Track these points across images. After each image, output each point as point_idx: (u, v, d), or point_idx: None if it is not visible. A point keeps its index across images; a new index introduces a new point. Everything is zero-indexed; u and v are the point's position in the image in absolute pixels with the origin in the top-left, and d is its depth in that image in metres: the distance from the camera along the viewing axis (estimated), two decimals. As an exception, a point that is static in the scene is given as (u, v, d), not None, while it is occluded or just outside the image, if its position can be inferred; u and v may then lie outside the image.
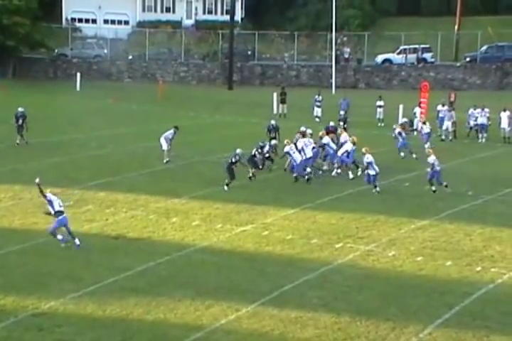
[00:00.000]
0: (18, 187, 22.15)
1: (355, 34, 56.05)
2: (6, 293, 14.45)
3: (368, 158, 22.80)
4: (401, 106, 37.44)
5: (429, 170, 22.82)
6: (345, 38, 56.05)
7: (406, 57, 53.43)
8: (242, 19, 62.24)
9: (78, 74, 49.28)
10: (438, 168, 22.65)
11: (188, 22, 62.33)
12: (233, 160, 22.60)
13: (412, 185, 24.16)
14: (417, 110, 35.93)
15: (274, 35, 57.72)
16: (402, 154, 28.19)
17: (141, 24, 60.45)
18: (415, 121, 35.38)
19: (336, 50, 51.66)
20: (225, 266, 16.44)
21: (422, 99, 36.73)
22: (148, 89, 48.42)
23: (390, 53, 53.92)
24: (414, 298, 14.86)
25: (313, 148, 24.73)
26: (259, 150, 24.61)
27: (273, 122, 29.06)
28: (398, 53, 53.72)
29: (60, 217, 17.04)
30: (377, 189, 22.62)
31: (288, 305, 14.28)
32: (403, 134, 28.62)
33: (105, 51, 56.06)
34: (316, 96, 39.00)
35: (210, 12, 63.43)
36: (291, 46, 55.81)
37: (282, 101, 40.22)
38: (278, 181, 24.34)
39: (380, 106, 37.79)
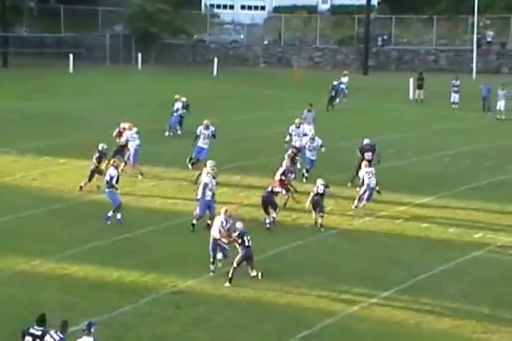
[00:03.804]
0: (159, 169, 22.93)
1: (499, 17, 53.62)
2: (148, 270, 15.04)
3: None
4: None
5: None
6: (488, 21, 53.73)
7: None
8: (378, 3, 61.08)
9: (215, 60, 50.26)
10: None
11: (323, 7, 61.94)
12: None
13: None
14: None
15: (411, 19, 56.27)
16: None
17: (276, 9, 60.72)
18: None
19: (478, 34, 49.69)
20: (358, 253, 16.32)
21: None
22: (283, 74, 48.65)
23: (537, 36, 51.25)
24: (559, 294, 14.15)
25: None
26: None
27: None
28: (546, 36, 50.96)
29: None
30: None
31: (423, 295, 13.99)
32: None
33: (242, 36, 56.84)
34: (454, 81, 37.77)
35: (346, -4, 62.68)
36: (430, 30, 54.25)
37: (419, 86, 39.26)
38: (412, 170, 23.83)
39: (524, 92, 36.04)
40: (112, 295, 13.92)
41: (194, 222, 17.53)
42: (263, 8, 62.24)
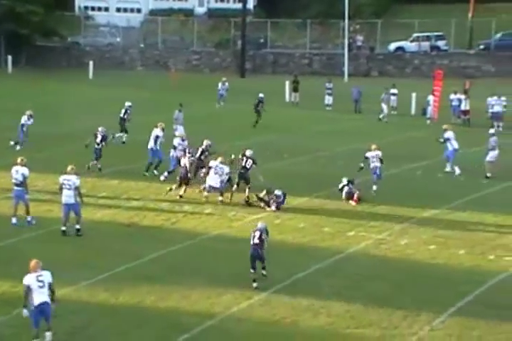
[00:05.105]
0: (33, 175, 22.20)
1: (368, 22, 55.71)
2: (21, 280, 14.48)
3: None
4: (414, 95, 37.28)
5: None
6: (357, 26, 55.74)
7: (419, 45, 53.10)
8: (254, 7, 62.02)
9: (91, 63, 49.33)
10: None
11: (200, 10, 62.18)
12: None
13: (424, 173, 24.10)
14: (431, 98, 35.82)
15: (286, 23, 57.47)
16: None
17: (153, 12, 60.39)
18: (428, 110, 35.36)
19: (349, 38, 51.41)
20: (237, 254, 16.45)
21: (435, 87, 36.56)
22: (161, 77, 48.41)
23: (403, 41, 53.62)
24: (427, 287, 14.85)
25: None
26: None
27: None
28: (411, 41, 53.39)
29: None
30: None
31: (300, 293, 14.31)
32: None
33: (118, 39, 56.12)
34: (327, 84, 38.89)
35: (222, 0, 63.23)
36: (304, 34, 55.59)
37: (295, 89, 40.14)
38: (291, 172, 24.35)
39: (393, 94, 37.65)
40: (-18, 307, 13.37)
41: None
42: (139, 10, 61.75)
